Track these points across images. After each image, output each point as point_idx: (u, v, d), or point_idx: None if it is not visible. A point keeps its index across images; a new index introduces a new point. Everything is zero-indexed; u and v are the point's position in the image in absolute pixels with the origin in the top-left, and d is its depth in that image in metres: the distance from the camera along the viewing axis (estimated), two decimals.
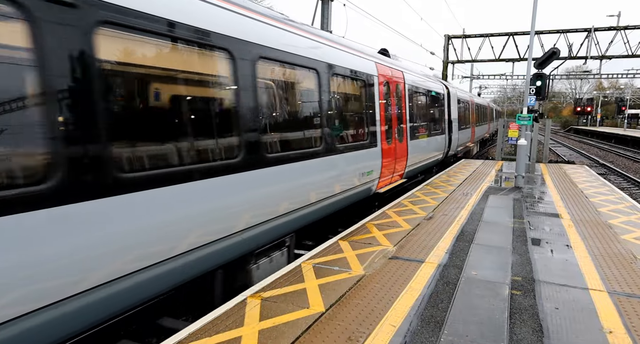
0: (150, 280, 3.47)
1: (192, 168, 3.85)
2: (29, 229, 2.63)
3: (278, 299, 4.06)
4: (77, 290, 2.92)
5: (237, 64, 4.43)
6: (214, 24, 4.13)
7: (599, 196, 9.45)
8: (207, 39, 4.05)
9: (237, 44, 4.43)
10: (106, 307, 3.16)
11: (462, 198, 9.10)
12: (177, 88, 4.01)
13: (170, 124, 3.79)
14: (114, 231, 3.15)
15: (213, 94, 4.36)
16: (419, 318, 3.72)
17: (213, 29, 4.11)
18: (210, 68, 4.28)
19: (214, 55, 4.25)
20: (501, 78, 41.04)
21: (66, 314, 2.86)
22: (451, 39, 29.78)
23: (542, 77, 12.59)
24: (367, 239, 6.01)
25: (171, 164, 3.68)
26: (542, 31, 26.34)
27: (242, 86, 4.51)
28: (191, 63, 4.06)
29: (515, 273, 4.83)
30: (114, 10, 3.12)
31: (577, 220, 7.27)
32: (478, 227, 6.72)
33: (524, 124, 11.57)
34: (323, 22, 13.47)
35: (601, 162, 23.58)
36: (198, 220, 3.94)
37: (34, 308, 2.68)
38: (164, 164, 3.62)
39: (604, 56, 26.44)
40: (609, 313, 3.86)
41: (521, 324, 3.64)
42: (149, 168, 3.48)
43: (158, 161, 3.59)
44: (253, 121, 4.68)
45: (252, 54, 4.66)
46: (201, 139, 4.07)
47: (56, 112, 2.76)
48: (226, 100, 4.47)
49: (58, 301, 2.81)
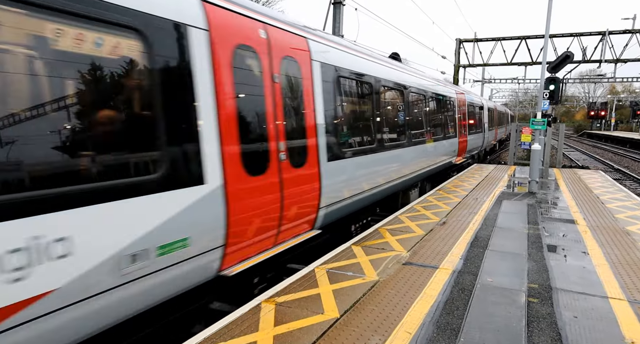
0: (374, 194, 7.61)
1: (387, 145, 8.05)
2: (359, 163, 6.74)
3: (292, 304, 4.05)
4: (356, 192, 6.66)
5: (405, 95, 9.40)
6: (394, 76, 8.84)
7: (615, 202, 9.29)
8: (399, 86, 8.96)
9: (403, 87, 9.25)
10: (362, 202, 7.09)
11: (475, 203, 9.02)
12: (391, 109, 8.78)
13: (383, 124, 8.12)
14: (359, 171, 6.78)
15: (404, 110, 9.32)
16: (435, 325, 3.68)
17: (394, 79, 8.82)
18: (399, 99, 9.24)
19: (403, 93, 9.31)
20: (513, 82, 40.72)
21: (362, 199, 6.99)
22: (462, 42, 29.66)
23: (556, 81, 12.45)
24: (381, 245, 5.98)
25: (373, 144, 7.54)
26: (555, 34, 26.11)
27: (409, 106, 9.68)
28: (398, 97, 9.07)
29: (532, 280, 4.76)
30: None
31: (594, 226, 7.15)
32: (492, 233, 6.64)
33: (537, 129, 11.44)
34: (335, 26, 13.51)
35: (616, 167, 23.18)
36: (387, 172, 8.08)
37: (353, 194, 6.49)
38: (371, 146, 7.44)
39: (618, 60, 26.10)
40: (630, 322, 3.77)
41: (539, 333, 3.58)
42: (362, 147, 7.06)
43: (365, 144, 7.28)
44: (404, 125, 9.30)
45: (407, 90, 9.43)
46: (388, 134, 8.30)
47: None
48: (402, 114, 9.29)
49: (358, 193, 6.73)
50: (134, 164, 3.23)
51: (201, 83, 3.74)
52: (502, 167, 16.21)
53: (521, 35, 27.36)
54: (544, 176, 13.14)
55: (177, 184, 3.49)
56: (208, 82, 3.81)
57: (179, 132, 3.55)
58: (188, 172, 3.61)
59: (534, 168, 10.75)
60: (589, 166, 21.24)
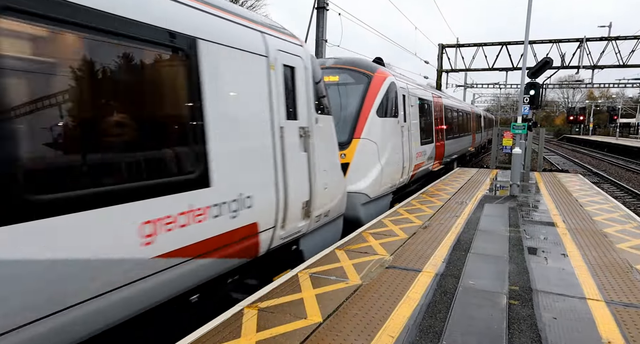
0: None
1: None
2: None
3: (275, 309, 4.02)
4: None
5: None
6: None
7: (594, 205, 9.51)
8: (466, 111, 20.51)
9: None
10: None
11: (457, 207, 9.11)
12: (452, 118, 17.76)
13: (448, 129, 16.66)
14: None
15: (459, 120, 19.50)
16: (418, 328, 3.69)
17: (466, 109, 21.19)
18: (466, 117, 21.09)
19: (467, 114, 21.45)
20: (495, 87, 41.45)
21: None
22: (445, 48, 30.08)
23: (536, 86, 12.73)
24: (364, 248, 5.98)
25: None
26: (535, 41, 26.72)
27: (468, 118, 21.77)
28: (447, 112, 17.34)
29: (513, 282, 4.82)
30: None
31: (573, 229, 7.30)
32: (474, 236, 6.72)
33: (518, 133, 11.66)
34: (318, 31, 13.55)
35: (594, 170, 23.76)
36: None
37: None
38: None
39: (595, 66, 26.82)
40: (607, 323, 3.85)
41: (520, 335, 3.62)
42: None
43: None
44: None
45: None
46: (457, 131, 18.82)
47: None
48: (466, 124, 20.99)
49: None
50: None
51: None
52: (485, 171, 16.45)
53: (502, 41, 27.91)
54: (525, 180, 13.38)
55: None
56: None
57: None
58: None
59: (515, 172, 10.94)
60: (569, 169, 21.71)
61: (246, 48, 4.43)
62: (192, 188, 3.63)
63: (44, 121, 2.73)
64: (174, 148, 3.60)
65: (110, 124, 3.08)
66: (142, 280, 3.20)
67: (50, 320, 2.63)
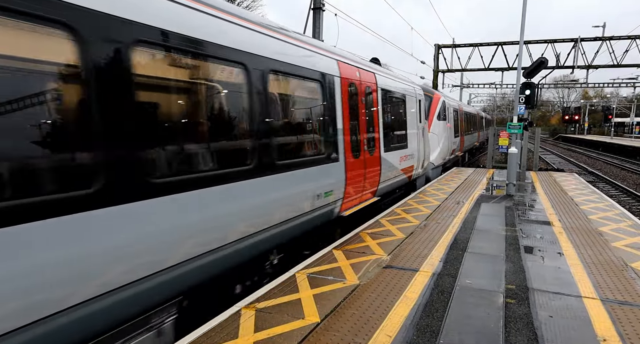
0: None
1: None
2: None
3: (272, 310, 4.02)
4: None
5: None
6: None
7: (589, 204, 9.56)
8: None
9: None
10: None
11: (454, 206, 9.15)
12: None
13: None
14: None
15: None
16: (415, 327, 3.71)
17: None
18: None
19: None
20: (490, 87, 41.60)
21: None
22: (441, 48, 30.16)
23: (531, 86, 12.79)
24: (361, 248, 6.00)
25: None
26: (530, 41, 26.83)
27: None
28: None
29: (509, 281, 4.84)
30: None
31: (568, 228, 7.34)
32: (471, 236, 6.75)
33: (514, 133, 11.70)
34: (315, 31, 13.57)
35: (590, 169, 23.88)
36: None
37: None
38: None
39: (590, 66, 26.96)
40: (602, 321, 3.88)
41: (516, 333, 3.64)
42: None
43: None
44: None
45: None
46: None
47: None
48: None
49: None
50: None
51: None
52: (481, 171, 16.51)
53: (498, 42, 28.01)
54: (521, 179, 13.44)
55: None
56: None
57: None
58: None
59: (511, 171, 10.99)
60: (564, 168, 21.82)
61: (414, 96, 11.44)
62: (404, 148, 10.15)
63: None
64: (403, 136, 10.30)
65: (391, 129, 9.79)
66: (396, 177, 9.76)
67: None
